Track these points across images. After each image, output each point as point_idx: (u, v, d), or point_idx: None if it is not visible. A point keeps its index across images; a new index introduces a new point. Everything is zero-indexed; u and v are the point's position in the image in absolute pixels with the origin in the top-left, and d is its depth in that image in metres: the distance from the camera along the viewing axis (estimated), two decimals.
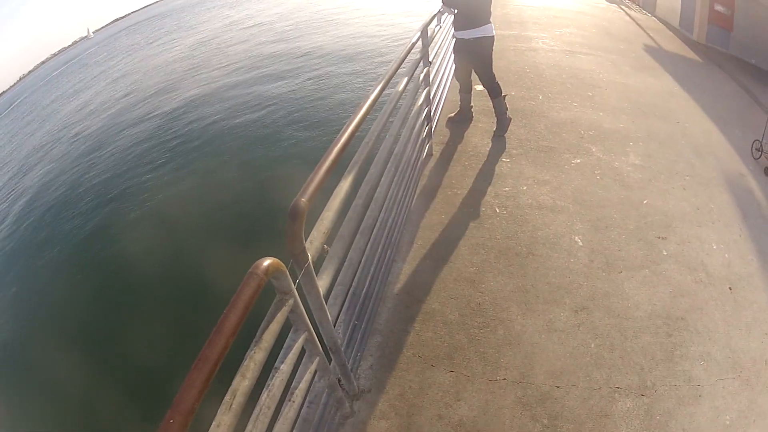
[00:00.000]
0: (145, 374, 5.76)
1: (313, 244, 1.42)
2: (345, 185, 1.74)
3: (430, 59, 3.84)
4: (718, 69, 9.19)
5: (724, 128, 5.85)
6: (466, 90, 4.84)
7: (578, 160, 4.38)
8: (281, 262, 1.11)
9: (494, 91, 4.64)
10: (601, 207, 3.73)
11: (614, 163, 4.39)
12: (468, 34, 4.30)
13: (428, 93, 3.86)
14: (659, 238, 3.48)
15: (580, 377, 2.38)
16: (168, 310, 7.24)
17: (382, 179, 2.54)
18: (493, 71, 4.58)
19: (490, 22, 4.28)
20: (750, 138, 5.46)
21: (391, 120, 2.71)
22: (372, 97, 2.10)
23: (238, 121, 14.41)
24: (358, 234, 2.14)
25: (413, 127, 3.36)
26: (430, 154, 4.36)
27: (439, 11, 4.73)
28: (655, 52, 9.55)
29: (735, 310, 3.00)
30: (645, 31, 11.48)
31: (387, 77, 2.40)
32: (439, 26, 4.86)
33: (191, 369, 0.77)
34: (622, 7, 14.99)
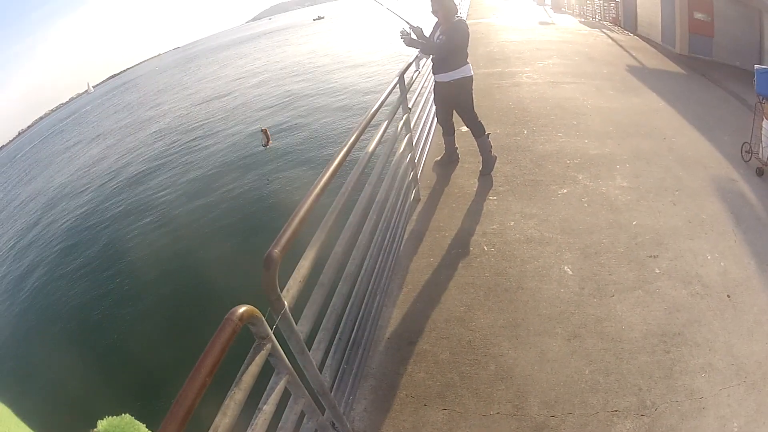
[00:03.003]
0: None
1: (289, 291, 1.56)
2: (322, 235, 1.88)
3: (409, 105, 4.14)
4: (702, 78, 9.53)
5: (712, 136, 6.08)
6: (448, 133, 5.10)
7: (565, 190, 4.60)
8: (256, 309, 1.23)
9: (478, 130, 4.89)
10: (590, 234, 3.91)
11: (601, 189, 4.60)
12: (447, 76, 4.54)
13: (410, 139, 4.12)
14: (651, 257, 3.63)
15: (576, 404, 2.50)
16: (157, 354, 7.68)
17: (365, 227, 2.70)
18: (475, 111, 4.87)
19: (468, 63, 4.55)
20: (739, 142, 5.65)
21: (370, 168, 2.85)
22: (345, 149, 2.22)
23: (221, 172, 15.26)
24: (341, 281, 2.28)
25: (396, 174, 3.58)
26: (417, 199, 4.60)
27: (416, 57, 5.04)
28: (639, 71, 9.96)
29: (735, 316, 3.09)
30: (627, 51, 11.96)
31: (360, 128, 2.54)
32: (417, 71, 5.16)
33: (168, 411, 0.86)
34: (604, 30, 15.64)
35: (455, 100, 4.71)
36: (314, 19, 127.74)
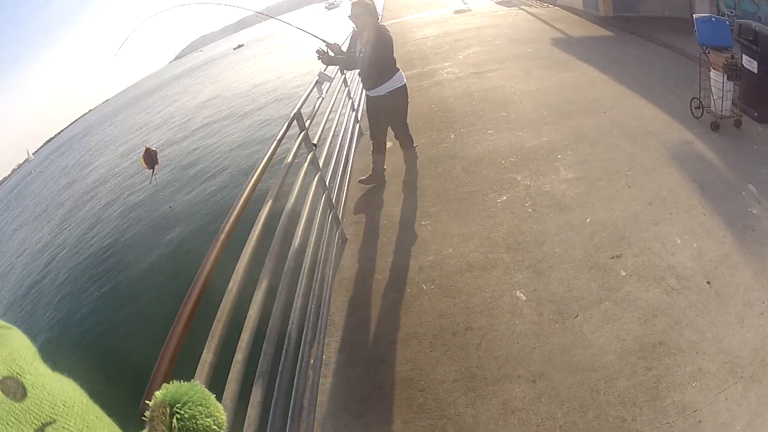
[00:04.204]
0: None
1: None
2: (223, 317, 1.78)
3: (315, 141, 4.02)
4: (633, 37, 9.97)
5: (656, 97, 6.26)
6: (380, 151, 5.16)
7: (504, 197, 4.54)
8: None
9: (409, 141, 5.11)
10: (540, 245, 3.82)
11: (544, 187, 4.57)
12: (382, 89, 4.66)
13: (322, 178, 3.98)
14: (613, 257, 3.56)
15: None
16: None
17: (279, 290, 2.57)
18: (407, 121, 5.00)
19: (399, 70, 4.69)
20: (686, 98, 5.79)
21: (275, 220, 2.77)
22: (237, 209, 2.17)
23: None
24: (261, 358, 2.16)
25: (313, 220, 3.47)
26: (343, 239, 4.45)
27: (316, 81, 4.89)
28: (565, 43, 10.32)
29: (719, 304, 3.04)
30: (550, 24, 12.45)
31: (252, 182, 2.49)
32: (321, 98, 4.99)
33: None
34: (522, 7, 16.29)
35: (393, 113, 4.83)
36: (234, 48, 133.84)
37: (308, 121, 3.93)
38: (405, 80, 4.75)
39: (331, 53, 4.59)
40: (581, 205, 4.18)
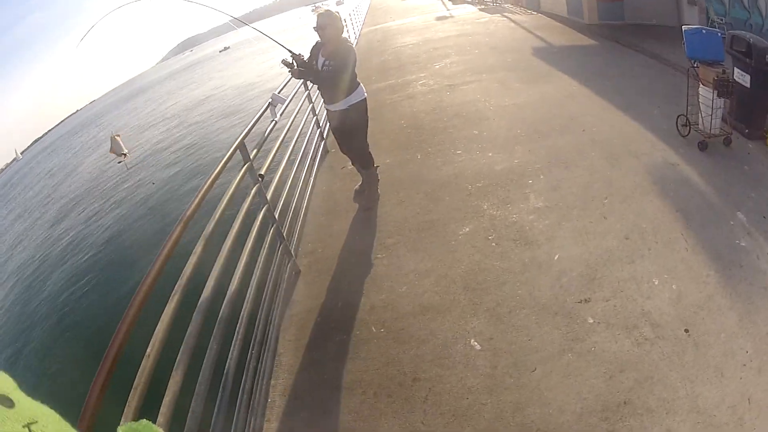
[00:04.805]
0: None
1: None
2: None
3: (261, 172, 3.88)
4: (618, 46, 9.95)
5: (640, 113, 6.13)
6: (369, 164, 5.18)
7: (467, 229, 4.34)
8: None
9: (367, 162, 5.06)
10: (501, 286, 3.63)
11: (511, 217, 4.38)
12: (343, 104, 4.75)
13: (270, 210, 3.87)
14: (581, 302, 3.36)
15: None
16: None
17: (215, 332, 2.56)
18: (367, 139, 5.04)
19: (359, 84, 4.80)
20: (672, 113, 5.66)
21: (211, 255, 2.77)
22: (167, 248, 2.18)
23: None
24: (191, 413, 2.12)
25: (258, 254, 3.47)
26: (297, 272, 4.31)
27: (269, 104, 4.85)
28: (546, 52, 10.30)
29: (697, 356, 2.87)
30: (532, 32, 12.48)
31: (185, 220, 2.48)
32: (274, 120, 4.90)
33: None
34: (506, 15, 16.42)
35: (352, 128, 4.90)
36: (220, 51, 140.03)
37: (255, 151, 3.90)
38: (365, 94, 4.83)
39: (295, 65, 4.64)
40: (550, 239, 3.99)
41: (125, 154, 27.66)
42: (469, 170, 5.32)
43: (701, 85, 5.34)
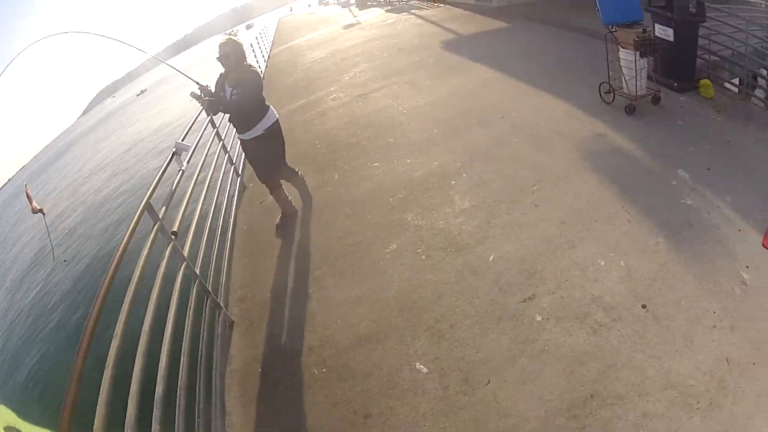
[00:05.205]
0: None
1: None
2: None
3: (174, 229, 3.72)
4: (531, 24, 10.22)
5: (561, 89, 6.16)
6: (276, 187, 5.19)
7: (393, 246, 4.18)
8: None
9: (293, 171, 5.25)
10: (438, 299, 3.48)
11: (438, 224, 4.24)
12: (257, 130, 4.78)
13: (189, 267, 3.68)
14: (525, 300, 3.26)
15: None
16: None
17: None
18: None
19: (269, 107, 4.86)
20: (594, 82, 5.69)
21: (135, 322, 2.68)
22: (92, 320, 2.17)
23: None
24: None
25: (185, 318, 3.30)
26: (230, 324, 4.10)
27: (173, 153, 4.65)
28: (456, 44, 10.41)
29: (660, 330, 2.85)
30: (440, 26, 12.67)
31: (104, 290, 2.44)
32: (181, 170, 4.62)
33: None
34: (413, 12, 16.70)
35: (272, 150, 4.95)
36: (138, 95, 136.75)
37: (163, 209, 3.75)
38: (277, 116, 4.92)
39: (204, 96, 4.64)
40: (482, 240, 3.87)
41: (42, 210, 26.26)
42: (389, 182, 5.19)
43: (621, 49, 5.38)
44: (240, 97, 4.58)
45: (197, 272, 3.84)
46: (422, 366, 3.06)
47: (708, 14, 5.68)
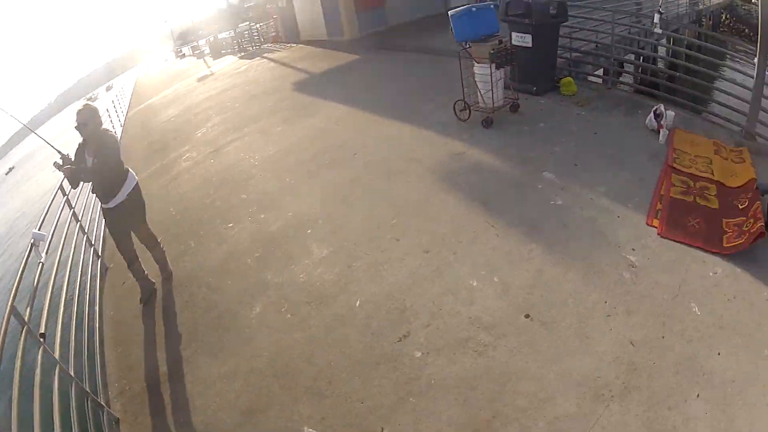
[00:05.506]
0: None
1: None
2: None
3: (42, 330, 3.50)
4: (383, 53, 10.54)
5: (414, 115, 6.32)
6: (133, 259, 5.06)
7: (257, 309, 4.06)
8: None
9: (155, 238, 5.19)
10: (310, 359, 3.42)
11: (299, 278, 4.17)
12: (120, 196, 4.73)
13: (63, 370, 3.48)
14: (400, 340, 3.27)
15: None
16: None
17: None
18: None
19: (129, 170, 4.86)
20: (450, 101, 5.87)
21: None
22: None
23: None
24: None
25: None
26: (115, 421, 3.83)
27: (32, 245, 4.34)
28: (308, 85, 10.56)
29: (551, 335, 2.93)
30: (292, 67, 12.84)
31: None
32: (41, 262, 4.36)
33: None
34: (265, 56, 16.92)
35: (135, 214, 4.94)
36: (6, 174, 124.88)
37: (28, 310, 3.52)
38: (136, 178, 4.94)
39: (66, 165, 4.47)
40: (344, 287, 3.85)
41: None
42: (245, 242, 5.08)
43: (476, 64, 5.56)
44: (100, 166, 4.52)
45: (72, 374, 3.63)
46: (311, 430, 2.98)
47: (570, 13, 6.03)
